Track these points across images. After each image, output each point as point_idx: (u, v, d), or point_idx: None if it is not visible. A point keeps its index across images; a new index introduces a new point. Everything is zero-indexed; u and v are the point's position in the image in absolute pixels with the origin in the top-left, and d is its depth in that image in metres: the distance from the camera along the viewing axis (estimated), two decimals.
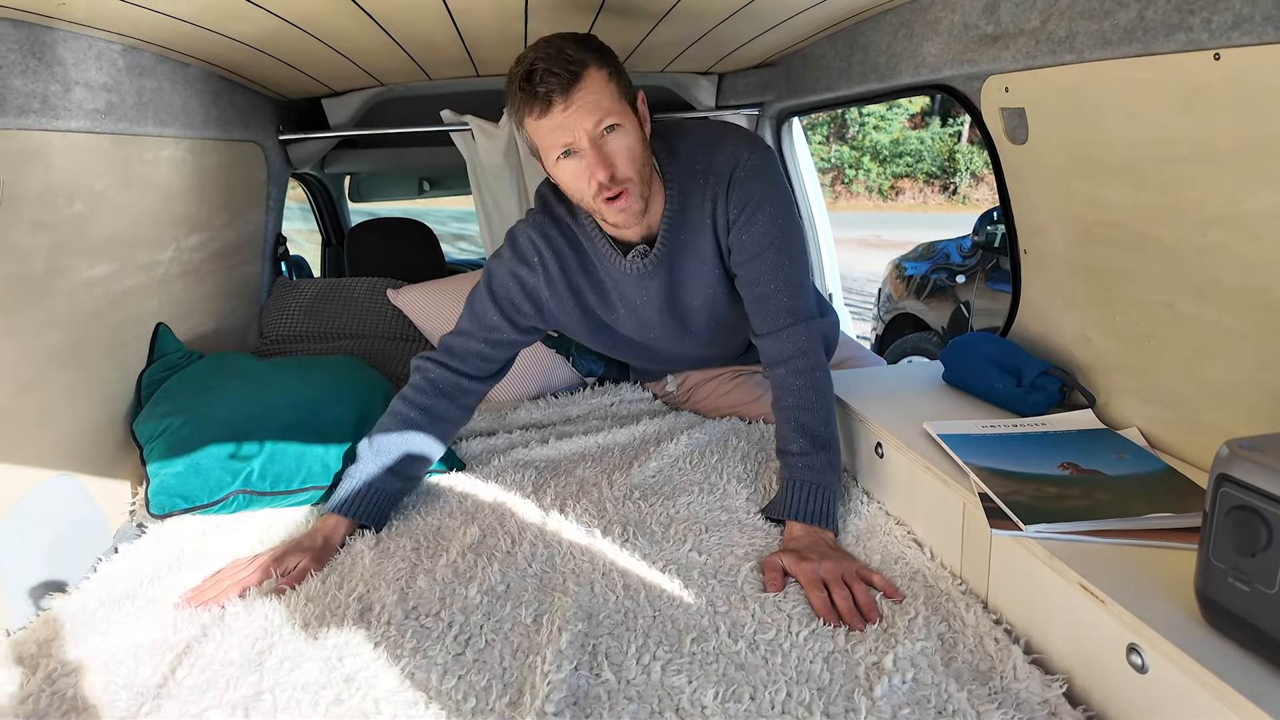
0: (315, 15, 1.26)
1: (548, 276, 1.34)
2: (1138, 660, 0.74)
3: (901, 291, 4.13)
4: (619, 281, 1.35)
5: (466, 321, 1.36)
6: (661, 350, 1.51)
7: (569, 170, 1.16)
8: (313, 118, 2.24)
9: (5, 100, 1.03)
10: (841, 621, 0.95)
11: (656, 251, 1.29)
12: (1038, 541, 0.88)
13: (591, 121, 1.10)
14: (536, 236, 1.33)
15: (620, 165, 1.14)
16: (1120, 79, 0.94)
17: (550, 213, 1.34)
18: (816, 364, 1.23)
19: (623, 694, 0.84)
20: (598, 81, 1.10)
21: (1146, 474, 0.99)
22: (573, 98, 1.09)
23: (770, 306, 1.25)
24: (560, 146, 1.13)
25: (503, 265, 1.35)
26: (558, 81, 1.08)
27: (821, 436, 1.19)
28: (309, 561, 1.13)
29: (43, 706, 0.86)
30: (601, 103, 1.10)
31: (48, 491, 1.17)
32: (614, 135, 1.13)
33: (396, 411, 1.31)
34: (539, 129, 1.13)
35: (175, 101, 1.47)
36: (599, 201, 1.17)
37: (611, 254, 1.31)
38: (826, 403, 1.22)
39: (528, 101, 1.11)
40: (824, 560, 1.04)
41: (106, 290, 1.38)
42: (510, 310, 1.34)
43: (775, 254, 1.24)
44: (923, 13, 1.29)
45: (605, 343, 1.49)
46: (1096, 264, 1.14)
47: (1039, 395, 1.22)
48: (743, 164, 1.24)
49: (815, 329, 1.25)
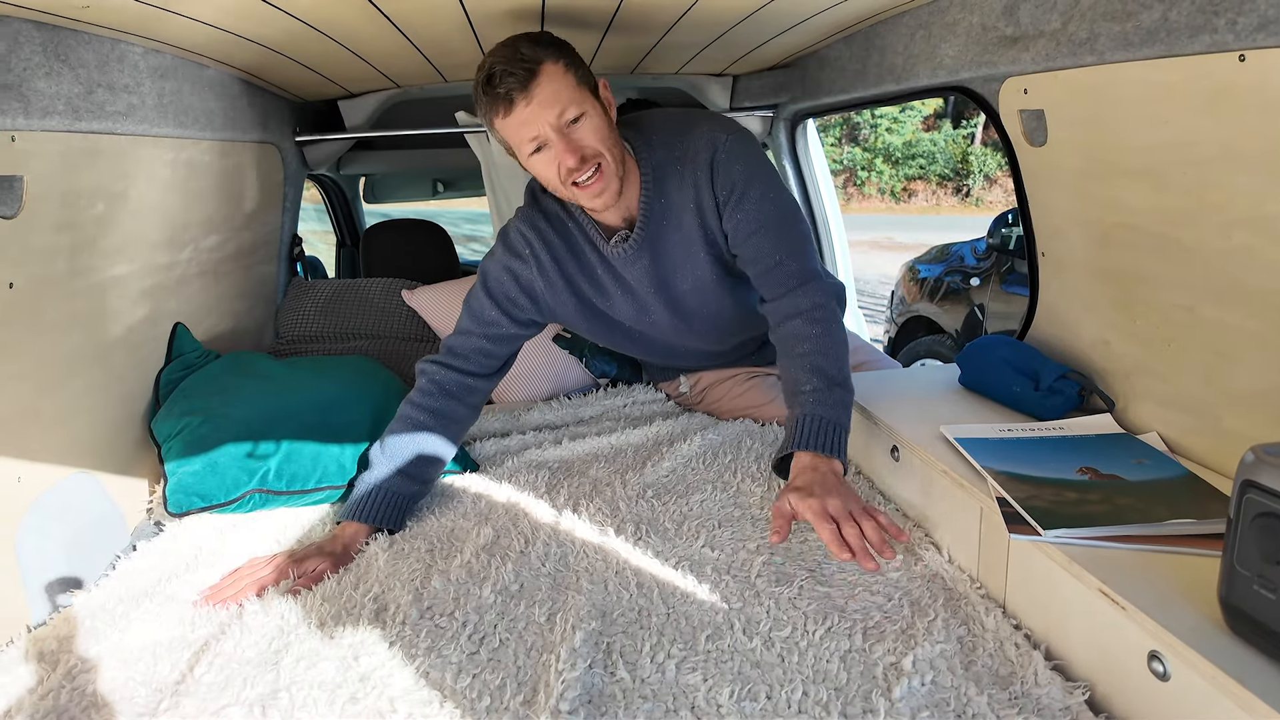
0: (334, 17, 1.27)
1: (540, 267, 1.36)
2: (1159, 668, 0.73)
3: (915, 294, 4.11)
4: (610, 264, 1.37)
5: (466, 320, 1.39)
6: (661, 339, 1.51)
7: (541, 162, 1.19)
8: (329, 119, 2.26)
9: (29, 102, 1.05)
10: (852, 555, 0.95)
11: (638, 233, 1.31)
12: (1057, 547, 0.87)
13: (554, 113, 1.14)
14: (526, 229, 1.36)
15: (588, 143, 1.17)
16: (1142, 81, 0.93)
17: (539, 205, 1.38)
18: (831, 315, 1.24)
19: (637, 692, 0.84)
20: (555, 75, 1.13)
21: (1167, 479, 0.98)
22: (532, 93, 1.12)
23: (780, 274, 1.27)
24: (529, 141, 1.17)
25: (496, 261, 1.38)
26: (516, 80, 1.11)
27: (835, 376, 1.18)
28: (327, 565, 1.14)
29: (63, 702, 0.86)
30: (561, 94, 1.14)
31: (67, 489, 1.18)
32: (579, 124, 1.16)
33: (405, 416, 1.31)
34: (507, 127, 1.17)
35: (195, 103, 1.49)
36: (571, 188, 1.20)
37: (599, 238, 1.34)
38: (840, 348, 1.21)
39: (492, 103, 1.15)
40: (829, 495, 1.03)
41: (126, 290, 1.40)
42: (507, 304, 1.36)
43: (774, 228, 1.27)
44: (941, 14, 1.29)
45: (603, 332, 1.50)
46: (1116, 267, 1.13)
47: (1057, 399, 1.21)
48: (721, 147, 1.26)
49: (827, 286, 1.26)
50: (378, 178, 3.62)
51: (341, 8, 1.21)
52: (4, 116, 1.00)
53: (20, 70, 1.03)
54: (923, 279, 4.07)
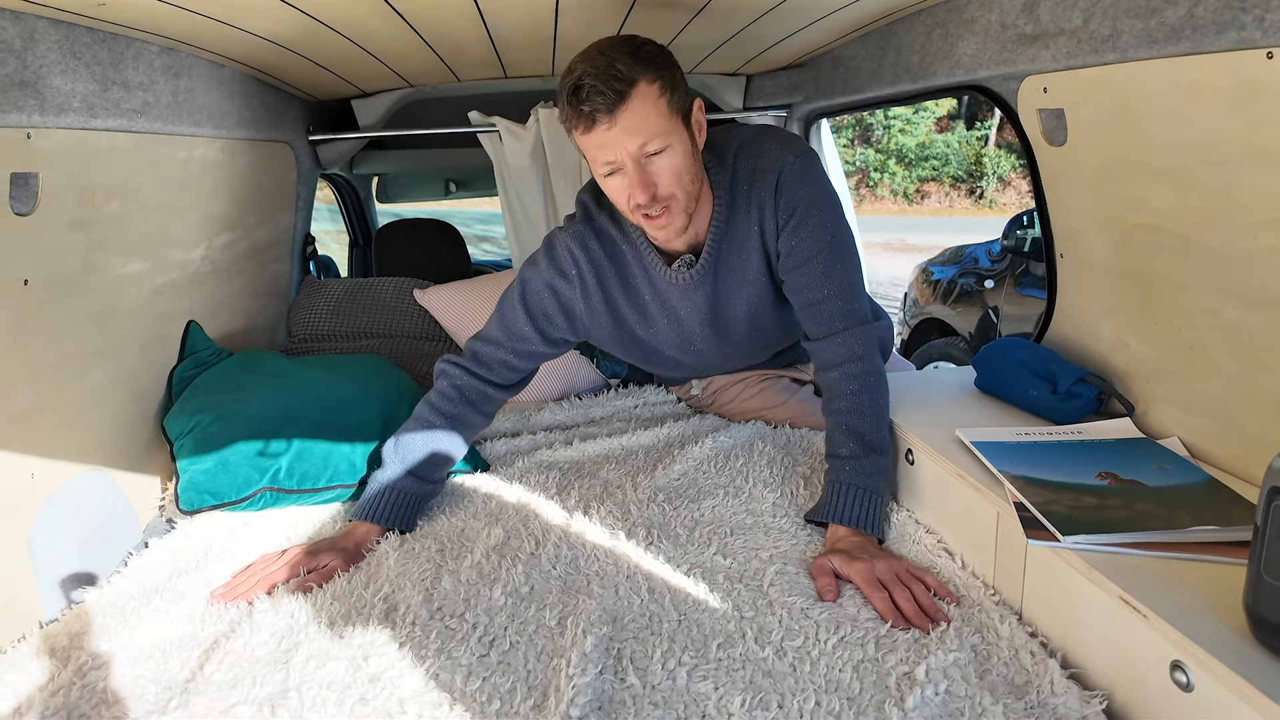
0: (348, 15, 1.27)
1: (584, 289, 1.31)
2: (1182, 678, 0.71)
3: (928, 296, 4.08)
4: (662, 291, 1.32)
5: (496, 329, 1.34)
6: (691, 363, 1.48)
7: (613, 185, 1.14)
8: (342, 119, 2.26)
9: (45, 99, 1.05)
10: (908, 624, 0.93)
11: (703, 262, 1.26)
12: (1076, 553, 0.85)
13: (635, 144, 1.07)
14: (576, 247, 1.30)
15: (663, 184, 1.11)
16: (1166, 79, 0.91)
17: (591, 222, 1.31)
18: (871, 368, 1.20)
19: (648, 699, 0.83)
20: (646, 100, 1.06)
21: (1189, 485, 0.96)
22: (617, 118, 1.05)
23: (824, 311, 1.22)
24: (604, 164, 1.11)
25: (539, 275, 1.31)
26: (603, 100, 1.04)
27: (872, 441, 1.16)
28: (340, 561, 1.13)
29: (73, 699, 0.86)
30: (649, 124, 1.07)
31: (80, 486, 1.19)
32: (659, 156, 1.10)
33: (422, 417, 1.30)
34: (584, 143, 1.11)
35: (209, 101, 1.49)
36: (638, 216, 1.15)
37: (657, 263, 1.28)
38: (879, 408, 1.19)
39: (574, 116, 1.08)
40: (875, 560, 1.02)
41: (140, 288, 1.40)
42: (542, 321, 1.32)
43: (826, 259, 1.21)
44: (958, 12, 1.27)
45: (636, 355, 1.46)
46: (1136, 268, 1.12)
47: (1075, 403, 1.19)
48: (789, 168, 1.21)
49: (871, 333, 1.22)
50: (390, 177, 3.63)
51: (356, 5, 1.21)
52: (20, 114, 1.01)
53: (37, 67, 1.03)
54: (936, 281, 4.04)
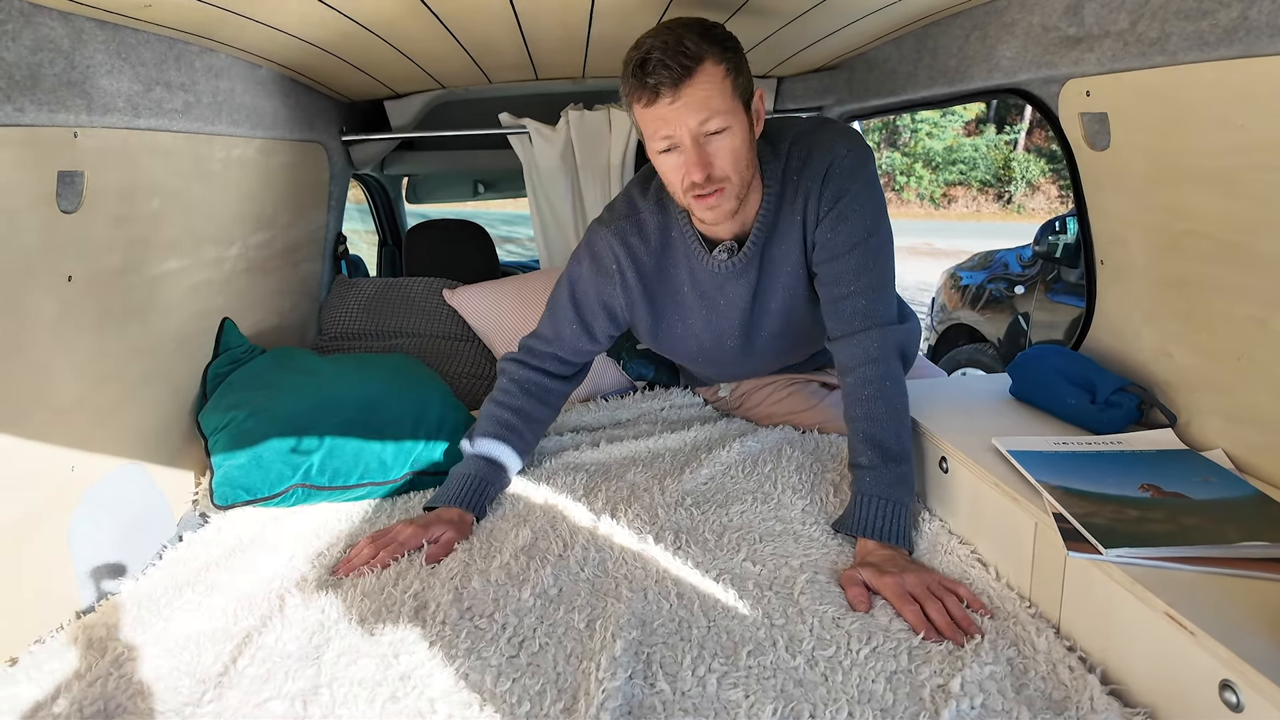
0: (385, 18, 1.28)
1: (624, 285, 1.34)
2: (1232, 698, 0.69)
3: (956, 301, 4.02)
4: (702, 282, 1.32)
5: (546, 327, 1.39)
6: (726, 360, 1.48)
7: (668, 163, 1.14)
8: (374, 120, 2.29)
9: (91, 99, 1.07)
10: (941, 636, 0.92)
11: (747, 250, 1.26)
12: (1118, 566, 0.83)
13: (696, 120, 1.08)
14: (617, 244, 1.32)
15: (719, 165, 1.12)
16: (1217, 82, 0.89)
17: (635, 216, 1.33)
18: (887, 373, 1.18)
19: (678, 705, 0.82)
20: (712, 78, 1.06)
21: (1236, 499, 0.94)
22: (681, 93, 1.06)
23: (846, 309, 1.21)
24: (662, 139, 1.11)
25: (583, 272, 1.35)
26: (669, 75, 1.05)
27: (891, 450, 1.14)
28: (454, 534, 1.17)
29: (110, 689, 0.88)
30: (711, 101, 1.07)
31: (118, 480, 1.21)
32: (718, 137, 1.10)
33: (490, 414, 1.35)
34: (644, 117, 1.11)
35: (247, 102, 1.51)
36: (689, 197, 1.15)
37: (699, 251, 1.29)
38: (897, 414, 1.17)
39: (637, 89, 1.09)
40: (905, 573, 1.01)
41: (178, 285, 1.43)
42: (589, 317, 1.36)
43: (859, 256, 1.20)
44: (998, 14, 1.25)
45: (667, 347, 1.48)
46: (1181, 276, 1.09)
47: (1115, 412, 1.16)
48: (839, 161, 1.20)
49: (890, 336, 1.20)
50: (420, 178, 3.66)
51: (393, 8, 1.22)
52: (68, 113, 1.03)
53: (84, 68, 1.05)
54: (964, 286, 3.99)
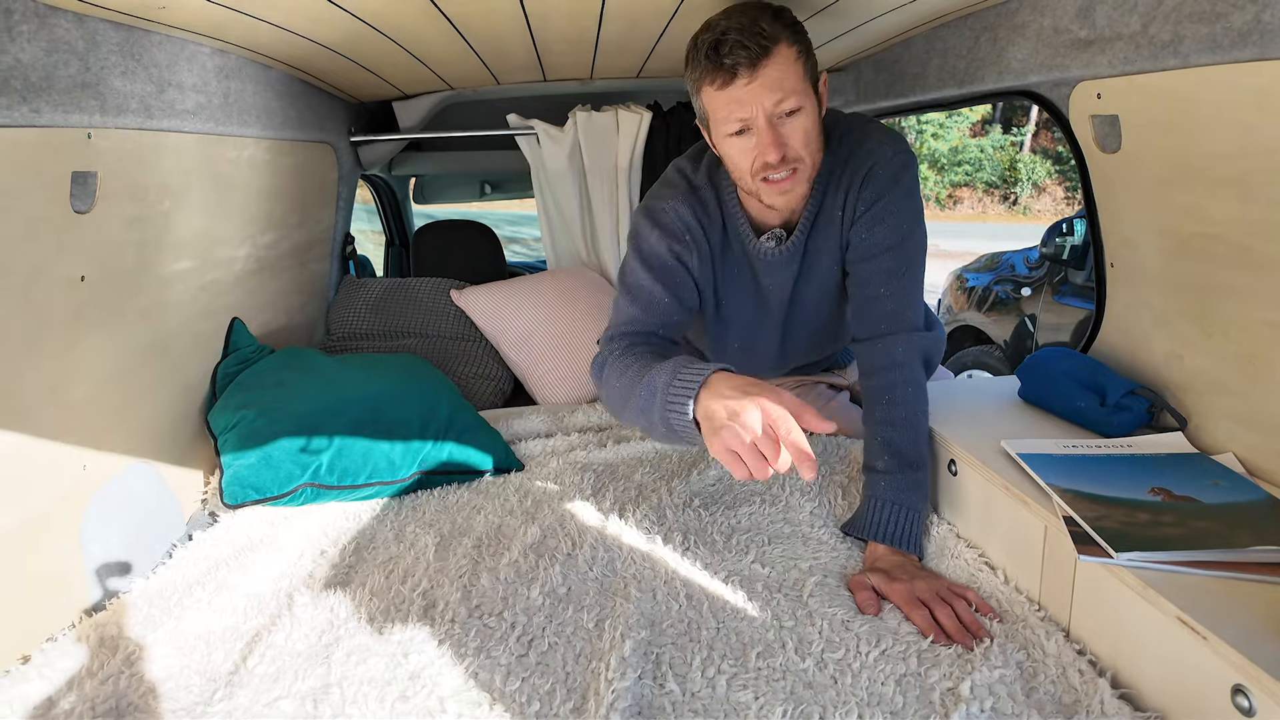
0: (395, 19, 1.29)
1: (697, 249, 1.25)
2: (1245, 702, 0.69)
3: (962, 303, 4.01)
4: (753, 264, 1.29)
5: (626, 311, 1.23)
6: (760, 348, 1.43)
7: (738, 145, 1.11)
8: (383, 121, 2.29)
9: (105, 100, 1.08)
10: (950, 640, 0.92)
11: (795, 238, 1.24)
12: (1130, 570, 0.83)
13: (772, 100, 1.06)
14: (686, 212, 1.24)
15: (794, 145, 1.09)
16: (1230, 85, 0.89)
17: (695, 192, 1.26)
18: (909, 378, 1.18)
19: (687, 706, 0.82)
20: (787, 59, 1.05)
21: (1247, 503, 0.93)
22: (758, 73, 1.04)
23: (874, 311, 1.21)
24: (735, 121, 1.08)
25: (652, 242, 1.23)
26: (746, 55, 1.03)
27: (909, 456, 1.14)
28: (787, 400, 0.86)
29: (123, 687, 0.88)
30: (786, 82, 1.05)
31: (129, 479, 1.21)
32: (793, 118, 1.08)
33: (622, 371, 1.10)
34: (716, 99, 1.08)
35: (257, 103, 1.52)
36: (758, 181, 1.12)
37: (750, 235, 1.26)
38: (917, 421, 1.17)
39: (711, 70, 1.06)
40: (915, 580, 1.01)
41: (188, 285, 1.43)
42: (671, 281, 1.23)
43: (892, 258, 1.20)
44: (1009, 16, 1.25)
45: (716, 331, 1.39)
46: (1192, 279, 1.08)
47: (1125, 415, 1.16)
48: (882, 162, 1.19)
49: (915, 341, 1.20)
50: (427, 179, 3.66)
51: (403, 8, 1.22)
52: (82, 114, 1.03)
53: (98, 69, 1.06)
54: (971, 288, 3.97)
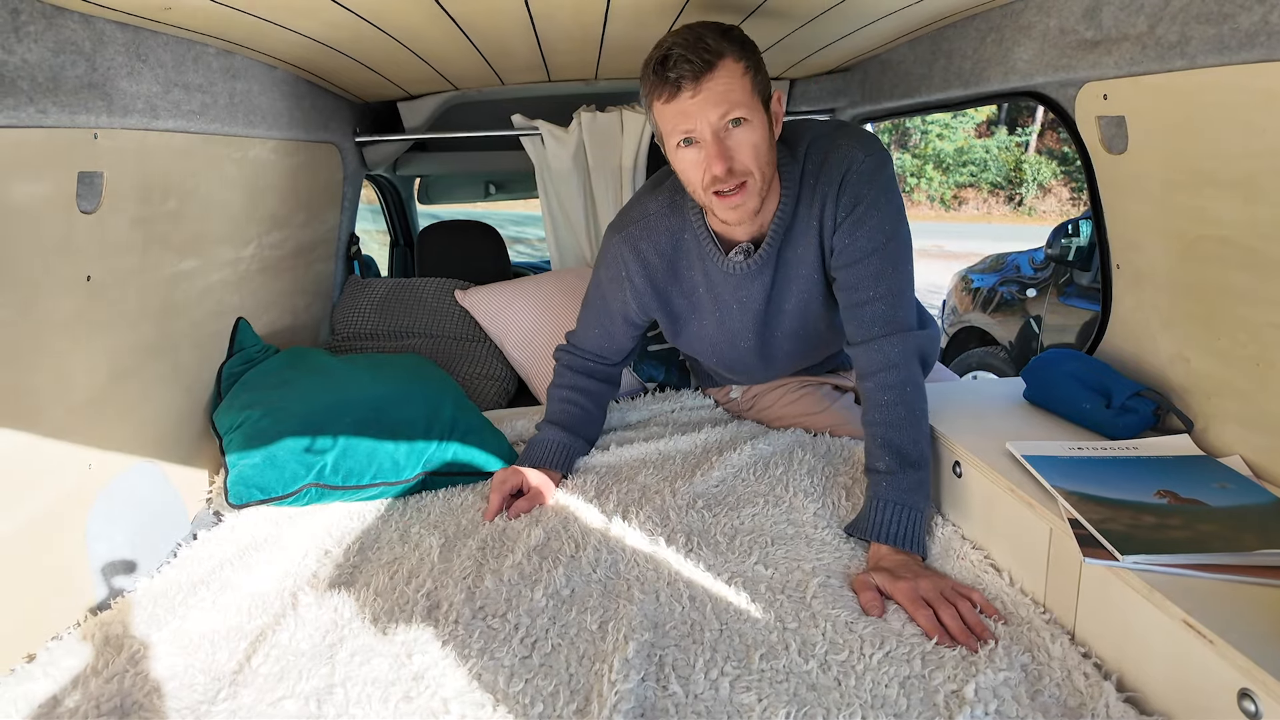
0: (400, 18, 1.29)
1: (634, 290, 1.40)
2: (1251, 707, 0.69)
3: (967, 304, 4.01)
4: (716, 283, 1.33)
5: (580, 324, 1.52)
6: (739, 360, 1.49)
7: (686, 159, 1.15)
8: (388, 121, 2.30)
9: (111, 100, 1.08)
10: (954, 641, 0.92)
11: (762, 252, 1.27)
12: (1135, 573, 0.83)
13: (717, 113, 1.09)
14: (626, 250, 1.37)
15: (740, 159, 1.12)
16: (1237, 86, 0.88)
17: (644, 220, 1.36)
18: (908, 378, 1.18)
19: (691, 709, 0.82)
20: (732, 74, 1.08)
21: (1254, 506, 0.93)
22: (702, 86, 1.07)
23: (866, 314, 1.22)
24: (681, 133, 1.12)
25: (600, 278, 1.45)
26: (690, 68, 1.07)
27: (910, 455, 1.14)
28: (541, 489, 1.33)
29: (127, 686, 0.89)
30: (731, 94, 1.08)
31: (133, 478, 1.22)
32: (739, 130, 1.11)
33: (554, 396, 1.50)
34: (664, 113, 1.12)
35: (263, 103, 1.52)
36: (709, 195, 1.15)
37: (714, 252, 1.30)
38: (916, 420, 1.17)
39: (658, 86, 1.10)
40: (919, 579, 1.01)
41: (193, 285, 1.43)
42: (608, 321, 1.47)
43: (878, 260, 1.21)
44: (1015, 17, 1.25)
45: (687, 347, 1.52)
46: (1199, 281, 1.08)
47: (1131, 418, 1.16)
48: (856, 166, 1.21)
49: (911, 341, 1.20)
50: (432, 179, 3.67)
51: (408, 8, 1.22)
52: (89, 115, 1.04)
53: (105, 70, 1.06)
54: (976, 289, 3.97)
